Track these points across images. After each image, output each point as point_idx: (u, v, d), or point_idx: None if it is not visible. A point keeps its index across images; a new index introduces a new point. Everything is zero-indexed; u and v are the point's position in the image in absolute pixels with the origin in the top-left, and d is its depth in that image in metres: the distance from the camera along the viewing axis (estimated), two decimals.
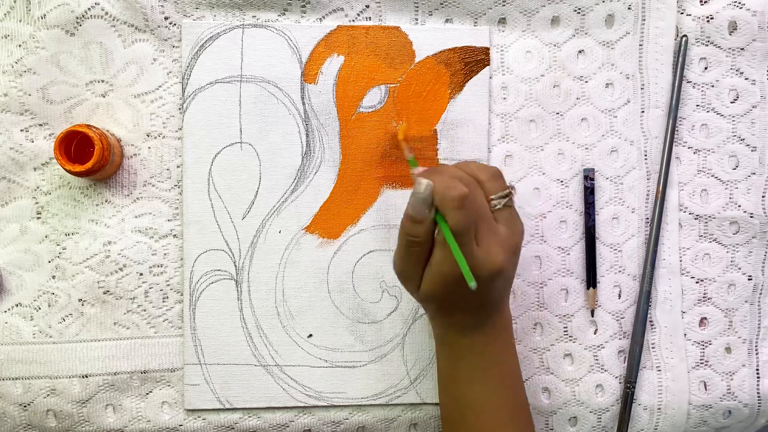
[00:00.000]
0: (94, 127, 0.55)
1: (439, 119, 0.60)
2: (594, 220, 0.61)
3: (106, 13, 0.57)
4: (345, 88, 0.60)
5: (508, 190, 0.51)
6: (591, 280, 0.61)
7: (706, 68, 0.62)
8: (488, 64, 0.60)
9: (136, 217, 0.59)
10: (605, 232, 0.62)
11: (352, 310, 0.60)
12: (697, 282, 0.62)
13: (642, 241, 0.62)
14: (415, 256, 0.50)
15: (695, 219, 0.62)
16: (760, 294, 0.63)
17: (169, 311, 0.59)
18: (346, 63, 0.60)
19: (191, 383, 0.59)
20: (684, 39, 0.60)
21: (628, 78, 0.61)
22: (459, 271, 0.46)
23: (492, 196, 0.50)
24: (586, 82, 0.61)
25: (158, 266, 0.59)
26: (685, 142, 0.62)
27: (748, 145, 0.62)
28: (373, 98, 0.60)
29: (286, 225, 0.59)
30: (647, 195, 0.62)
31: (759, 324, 0.63)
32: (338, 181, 0.60)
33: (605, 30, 0.61)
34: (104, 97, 0.58)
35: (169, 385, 0.59)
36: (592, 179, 0.61)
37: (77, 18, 0.57)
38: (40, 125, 0.58)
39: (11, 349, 0.58)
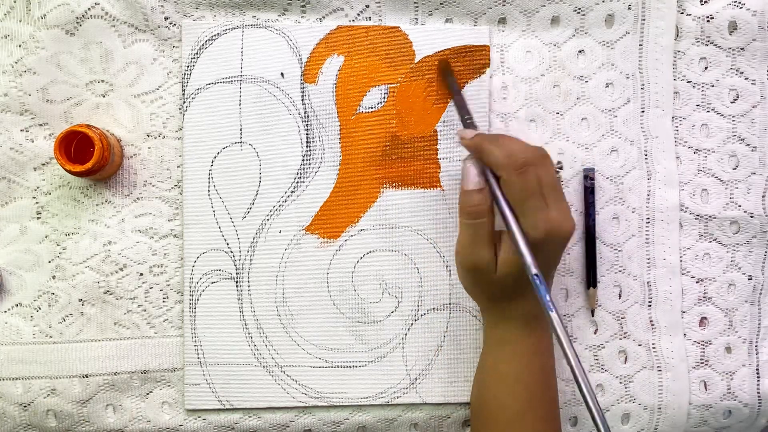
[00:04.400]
0: (94, 127, 0.55)
1: (439, 119, 0.60)
2: (594, 220, 0.61)
3: (106, 13, 0.57)
4: (345, 88, 0.60)
5: (559, 166, 0.53)
6: (591, 280, 0.61)
7: (706, 68, 0.62)
8: (488, 64, 0.60)
9: (136, 217, 0.59)
10: (605, 232, 0.62)
11: (353, 310, 0.60)
12: (697, 282, 0.62)
13: (642, 241, 0.62)
14: (482, 230, 0.52)
15: (695, 219, 0.62)
16: (760, 294, 0.63)
17: (169, 311, 0.59)
18: (346, 63, 0.60)
19: (191, 383, 0.59)
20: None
21: (628, 78, 0.61)
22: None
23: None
24: (586, 81, 0.61)
25: (158, 266, 0.59)
26: (685, 142, 0.62)
27: (748, 145, 0.62)
28: (373, 98, 0.60)
29: (286, 225, 0.59)
30: (647, 195, 0.62)
31: (759, 324, 0.63)
32: (338, 181, 0.60)
33: (605, 30, 0.61)
34: (104, 97, 0.58)
35: (169, 385, 0.59)
36: (592, 179, 0.61)
37: (77, 18, 0.57)
38: (40, 125, 0.58)
39: (11, 349, 0.58)
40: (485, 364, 0.57)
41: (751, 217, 0.62)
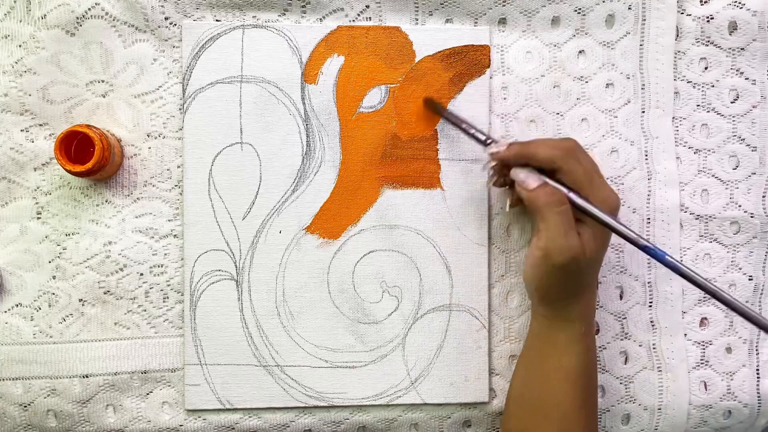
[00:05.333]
0: (95, 128, 0.55)
1: (439, 119, 0.60)
2: None
3: (107, 14, 0.57)
4: (345, 89, 0.60)
5: None
6: None
7: (706, 68, 0.62)
8: (488, 66, 0.60)
9: (136, 217, 0.59)
10: None
11: (353, 311, 0.60)
12: None
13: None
14: (570, 215, 0.51)
15: (696, 219, 0.62)
16: (761, 294, 0.63)
17: (169, 311, 0.59)
18: (347, 63, 0.60)
19: (192, 383, 0.59)
20: None
21: (628, 78, 0.61)
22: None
23: None
24: (587, 82, 0.61)
25: (159, 266, 0.59)
26: (686, 142, 0.62)
27: (748, 145, 0.62)
28: (374, 98, 0.60)
29: (286, 225, 0.59)
30: (648, 195, 0.62)
31: None
32: (338, 181, 0.60)
33: (605, 30, 0.61)
34: (104, 97, 0.58)
35: (169, 386, 0.59)
36: None
37: (77, 18, 0.57)
38: (41, 125, 0.58)
39: (11, 349, 0.58)
40: (541, 360, 0.55)
41: (752, 217, 0.62)
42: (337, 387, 0.60)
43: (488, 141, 0.55)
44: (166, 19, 0.58)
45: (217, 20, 0.59)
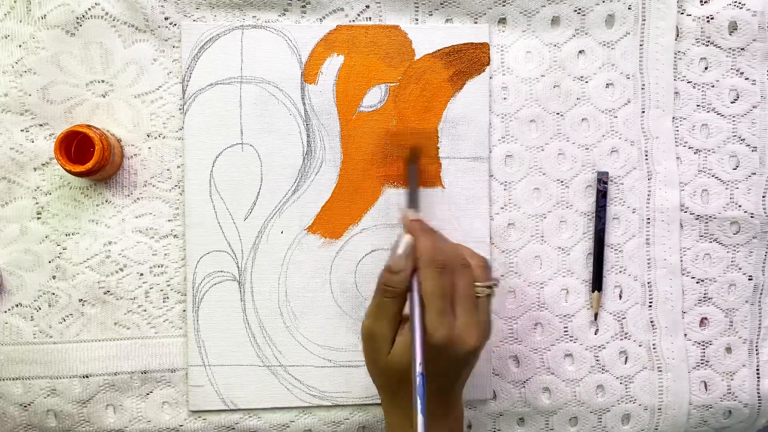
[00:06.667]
0: (95, 128, 0.55)
1: (440, 119, 0.60)
2: (604, 224, 0.61)
3: (107, 14, 0.57)
4: (345, 88, 0.60)
5: (493, 282, 0.51)
6: (597, 283, 0.61)
7: (706, 68, 0.62)
8: (488, 64, 0.60)
9: (136, 217, 0.59)
10: (606, 233, 0.62)
11: (355, 310, 0.60)
12: (697, 282, 0.63)
13: (643, 242, 0.62)
14: (388, 309, 0.49)
15: (696, 219, 0.62)
16: (761, 294, 0.63)
17: (169, 311, 0.59)
18: (346, 62, 0.59)
19: (195, 384, 0.59)
20: None
21: (628, 78, 0.62)
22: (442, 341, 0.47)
23: (477, 283, 0.50)
24: (587, 82, 0.61)
25: (159, 266, 0.59)
26: (686, 142, 0.62)
27: (748, 146, 0.62)
28: (374, 98, 0.60)
29: (288, 225, 0.59)
30: (648, 195, 0.62)
31: (759, 324, 0.63)
32: (339, 180, 0.60)
33: (605, 30, 0.61)
34: (104, 97, 0.58)
35: (169, 386, 0.59)
36: (606, 183, 0.61)
37: (77, 18, 0.57)
38: (41, 125, 0.58)
39: (11, 349, 0.58)
40: None
41: (752, 217, 0.62)
42: (341, 386, 0.60)
43: (413, 204, 0.56)
44: (166, 19, 0.58)
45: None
